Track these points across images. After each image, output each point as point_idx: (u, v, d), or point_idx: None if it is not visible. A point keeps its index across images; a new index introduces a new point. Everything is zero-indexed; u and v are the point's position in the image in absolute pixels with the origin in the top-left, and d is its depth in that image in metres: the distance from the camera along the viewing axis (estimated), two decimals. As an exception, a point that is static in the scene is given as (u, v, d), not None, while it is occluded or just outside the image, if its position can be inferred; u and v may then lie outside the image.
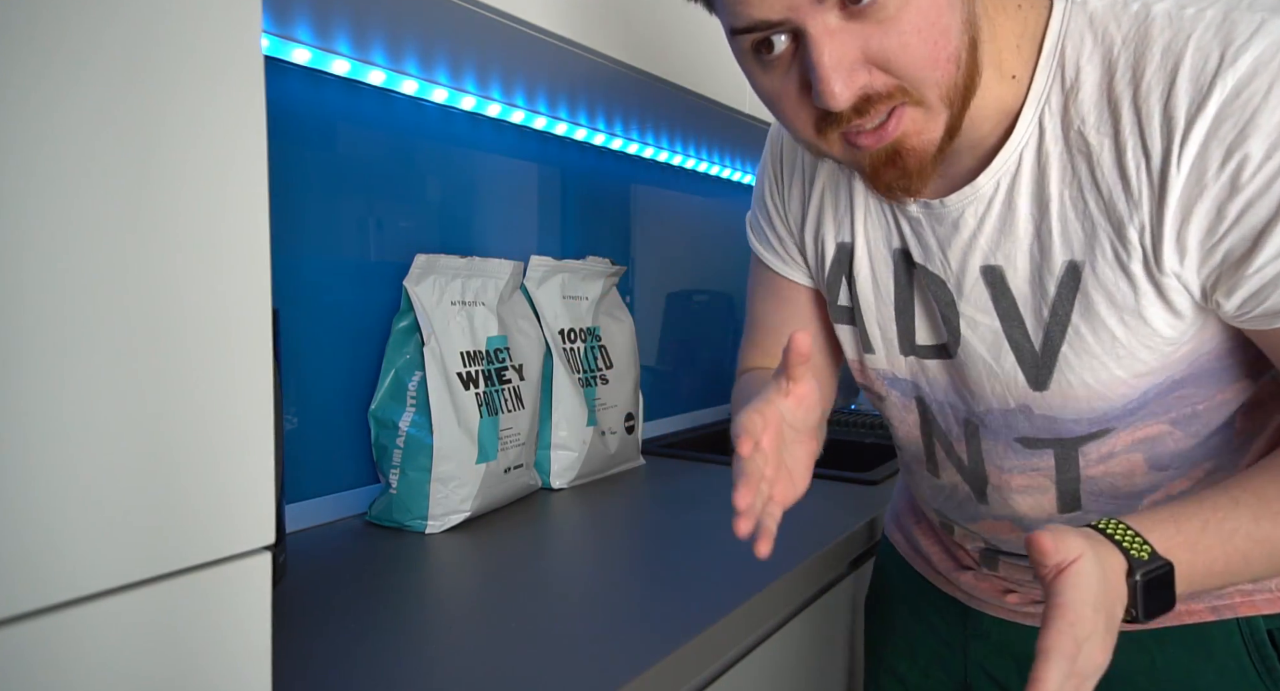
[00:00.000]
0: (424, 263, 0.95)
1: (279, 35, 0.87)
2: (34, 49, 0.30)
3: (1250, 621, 0.58)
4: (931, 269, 0.60)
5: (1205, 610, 0.59)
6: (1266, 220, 0.45)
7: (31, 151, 0.30)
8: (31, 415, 0.31)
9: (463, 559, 0.85)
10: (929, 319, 0.62)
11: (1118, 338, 0.53)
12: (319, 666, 0.60)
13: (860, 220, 0.64)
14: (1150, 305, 0.51)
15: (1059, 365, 0.55)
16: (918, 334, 0.63)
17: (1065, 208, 0.52)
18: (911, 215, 0.59)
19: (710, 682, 0.70)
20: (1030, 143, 0.52)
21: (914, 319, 0.63)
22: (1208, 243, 0.48)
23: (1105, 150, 0.50)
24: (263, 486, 0.38)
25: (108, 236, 0.33)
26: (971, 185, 0.55)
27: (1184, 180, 0.47)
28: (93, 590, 0.33)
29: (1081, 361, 0.54)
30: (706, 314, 1.74)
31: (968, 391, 0.61)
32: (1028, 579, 0.67)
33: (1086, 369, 0.54)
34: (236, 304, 0.37)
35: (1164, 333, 0.52)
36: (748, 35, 0.49)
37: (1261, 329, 0.50)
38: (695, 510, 1.01)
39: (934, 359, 0.63)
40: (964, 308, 0.58)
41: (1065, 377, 0.55)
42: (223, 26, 0.36)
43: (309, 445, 0.96)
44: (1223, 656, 0.59)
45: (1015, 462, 0.61)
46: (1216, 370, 0.55)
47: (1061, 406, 0.56)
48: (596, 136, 1.36)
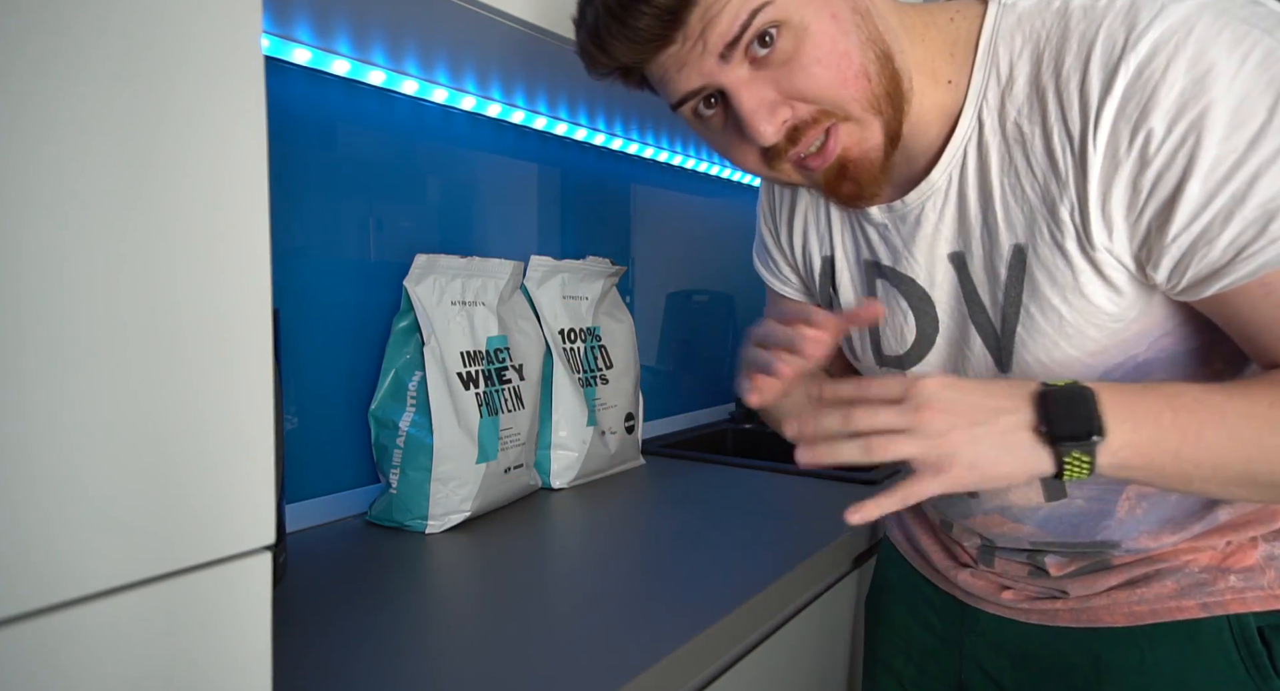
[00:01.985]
0: (424, 263, 0.95)
1: (279, 35, 0.87)
2: (33, 49, 0.30)
3: (1240, 618, 0.59)
4: (901, 269, 0.63)
5: (1196, 606, 0.60)
6: (1174, 189, 0.48)
7: (32, 152, 0.30)
8: (31, 415, 0.31)
9: (463, 559, 0.85)
10: (895, 323, 0.65)
11: (1064, 317, 0.55)
12: (319, 666, 0.60)
13: (837, 233, 0.68)
14: (1089, 282, 0.53)
15: (1016, 346, 0.58)
16: (884, 345, 0.67)
17: (1006, 194, 0.55)
18: (877, 222, 0.63)
19: (710, 682, 0.71)
20: (972, 138, 0.56)
21: (879, 331, 0.67)
22: (1130, 216, 0.50)
23: (1036, 137, 0.53)
24: (263, 486, 0.38)
25: (107, 236, 0.33)
26: (927, 181, 0.58)
27: (1101, 158, 0.50)
28: (93, 590, 0.33)
29: (1035, 342, 0.57)
30: (706, 314, 1.74)
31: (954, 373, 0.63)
32: (1023, 574, 0.68)
33: (1041, 349, 0.57)
34: (236, 304, 0.37)
35: (1107, 309, 0.54)
36: (684, 106, 0.57)
37: (1198, 299, 0.51)
38: (695, 510, 1.01)
39: (913, 364, 0.65)
40: (937, 296, 0.62)
41: (1024, 358, 0.58)
42: (223, 26, 0.36)
43: (309, 445, 0.96)
44: (1212, 653, 0.59)
45: None
46: (1183, 354, 0.57)
47: None
48: (596, 136, 1.36)
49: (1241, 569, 0.60)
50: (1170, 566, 0.61)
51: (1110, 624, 0.63)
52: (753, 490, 1.12)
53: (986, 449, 0.48)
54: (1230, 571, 0.60)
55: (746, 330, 0.65)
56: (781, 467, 1.24)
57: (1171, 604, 0.61)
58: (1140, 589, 0.62)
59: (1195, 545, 0.61)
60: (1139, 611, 0.62)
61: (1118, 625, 0.62)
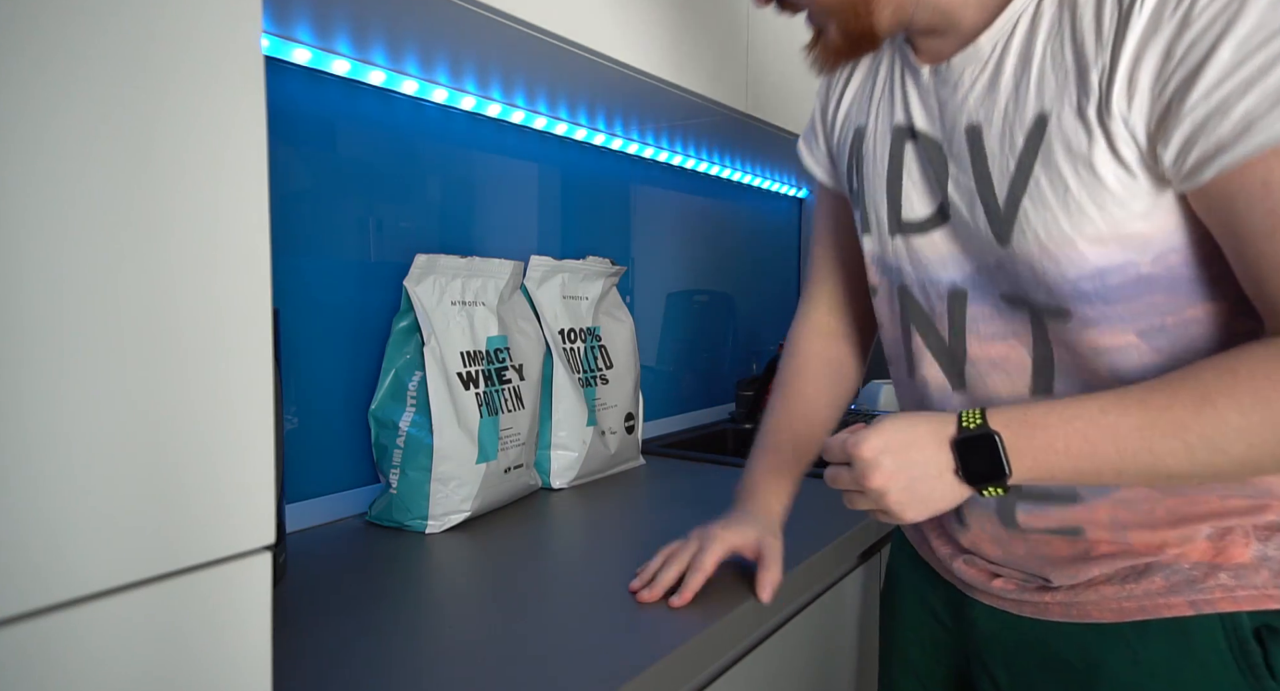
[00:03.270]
0: (424, 263, 0.95)
1: (279, 35, 0.87)
2: (34, 49, 0.30)
3: (1234, 617, 0.58)
4: (931, 133, 0.65)
5: (1185, 604, 0.60)
6: (1204, 54, 0.49)
7: (32, 152, 0.30)
8: (32, 415, 0.31)
9: (463, 559, 0.85)
10: (918, 190, 0.67)
11: (1070, 189, 0.56)
12: (319, 666, 0.60)
13: (876, 101, 0.71)
14: (1100, 154, 0.54)
15: (1018, 219, 0.59)
16: (904, 208, 0.68)
17: (1045, 61, 0.56)
18: (923, 84, 0.65)
19: (710, 682, 0.71)
20: (1030, 5, 0.58)
21: (901, 194, 0.68)
22: (1156, 86, 0.51)
23: (1089, 2, 0.54)
24: (263, 486, 0.38)
25: (108, 236, 0.33)
26: (973, 46, 0.60)
27: (1144, 19, 0.51)
28: (93, 590, 0.33)
29: (1038, 214, 0.58)
30: (706, 314, 1.74)
31: (959, 256, 0.65)
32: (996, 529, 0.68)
33: (1041, 224, 0.58)
34: (236, 304, 0.37)
35: (1113, 188, 0.55)
36: None
37: (1199, 187, 0.52)
38: (695, 510, 1.01)
39: (920, 234, 0.67)
40: (952, 169, 0.63)
41: (1023, 231, 0.59)
42: (223, 26, 0.36)
43: (309, 445, 0.96)
44: (1204, 651, 0.59)
45: (996, 327, 0.64)
46: (1185, 280, 0.57)
47: (1025, 263, 0.60)
48: (596, 136, 1.36)
49: (1233, 566, 0.59)
50: (1160, 561, 0.61)
51: (1100, 619, 0.63)
52: (753, 490, 1.12)
53: (921, 495, 0.58)
54: (1221, 568, 0.59)
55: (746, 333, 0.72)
56: (781, 467, 1.24)
57: (1160, 600, 0.60)
58: (1130, 584, 0.62)
59: (1183, 533, 0.60)
60: (1128, 607, 0.62)
61: (1107, 621, 0.63)
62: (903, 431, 0.58)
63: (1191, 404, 0.51)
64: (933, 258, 0.67)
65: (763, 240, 1.93)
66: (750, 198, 1.86)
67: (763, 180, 1.85)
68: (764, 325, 1.95)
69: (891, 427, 0.58)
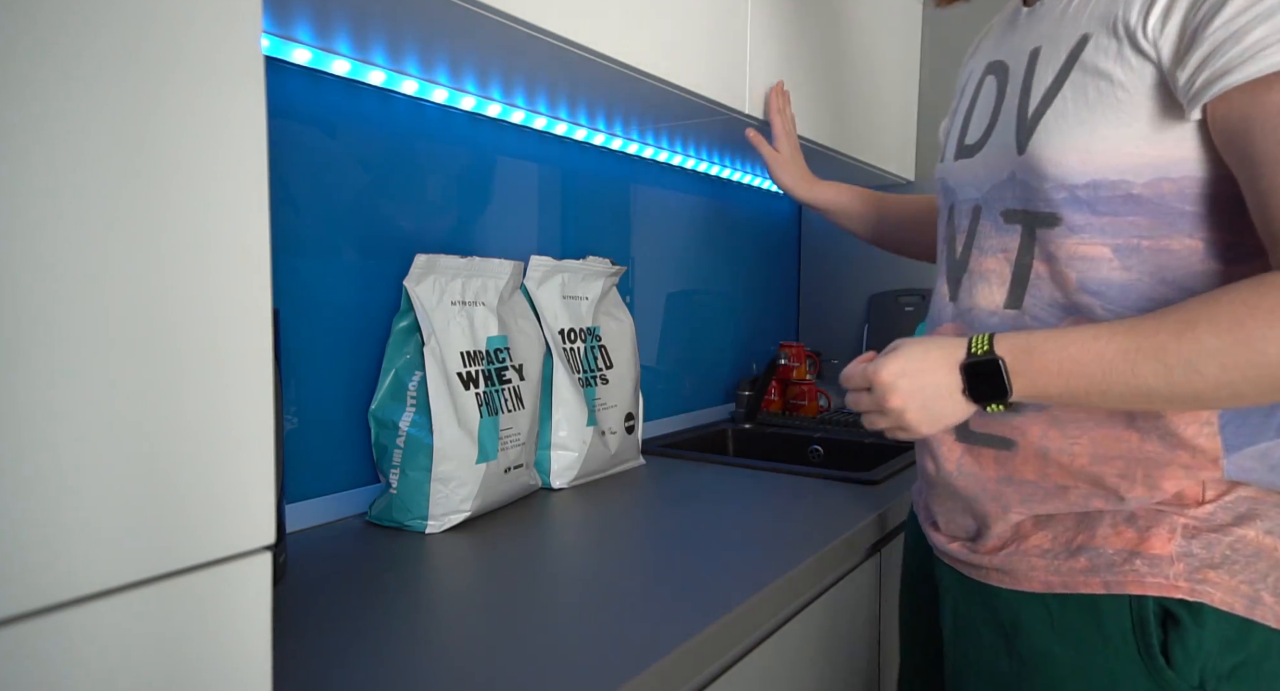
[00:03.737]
0: (424, 263, 0.95)
1: (279, 35, 0.87)
2: (33, 49, 0.30)
3: (1140, 600, 0.64)
4: (1005, 60, 0.73)
5: (1099, 583, 0.66)
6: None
7: (32, 152, 0.30)
8: (31, 415, 0.31)
9: (463, 559, 0.85)
10: (980, 116, 0.75)
11: (1089, 102, 0.63)
12: (319, 666, 0.60)
13: (985, 47, 0.80)
14: (1122, 72, 0.61)
15: (1039, 127, 0.66)
16: (968, 134, 0.77)
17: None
18: (1019, 23, 0.74)
19: (711, 682, 0.71)
20: None
21: (970, 120, 0.77)
22: (1189, 15, 0.57)
23: None
24: (263, 486, 0.38)
25: (107, 237, 0.33)
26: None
27: None
28: (92, 590, 0.33)
29: (1056, 124, 0.65)
30: (706, 314, 1.74)
31: (984, 173, 0.73)
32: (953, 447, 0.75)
33: (1056, 131, 0.65)
34: (236, 304, 0.37)
35: (1126, 104, 0.61)
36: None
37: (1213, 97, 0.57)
38: (695, 510, 1.01)
39: (969, 157, 0.76)
40: (1009, 89, 0.71)
41: (1040, 140, 0.66)
42: (223, 26, 0.36)
43: (309, 445, 0.96)
44: (1110, 627, 0.65)
45: (993, 241, 0.72)
46: (1171, 210, 0.63)
47: (1034, 170, 0.67)
48: (596, 136, 1.36)
49: (1151, 555, 0.65)
50: (1091, 545, 0.68)
51: (1029, 589, 0.70)
52: (753, 490, 1.12)
53: (934, 412, 0.66)
54: (1140, 556, 0.65)
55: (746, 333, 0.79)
56: (781, 467, 1.24)
57: (1081, 578, 0.67)
58: (1059, 561, 0.69)
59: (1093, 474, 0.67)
60: (1053, 581, 0.69)
61: (1034, 590, 0.70)
62: (917, 357, 0.66)
63: (1174, 329, 0.57)
64: (969, 178, 0.75)
65: (763, 240, 1.93)
66: (750, 198, 1.86)
67: (763, 180, 1.85)
68: (764, 325, 1.95)
69: (906, 354, 0.67)
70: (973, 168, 0.75)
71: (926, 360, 0.66)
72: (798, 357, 1.78)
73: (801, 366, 1.78)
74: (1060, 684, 0.68)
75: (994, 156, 0.72)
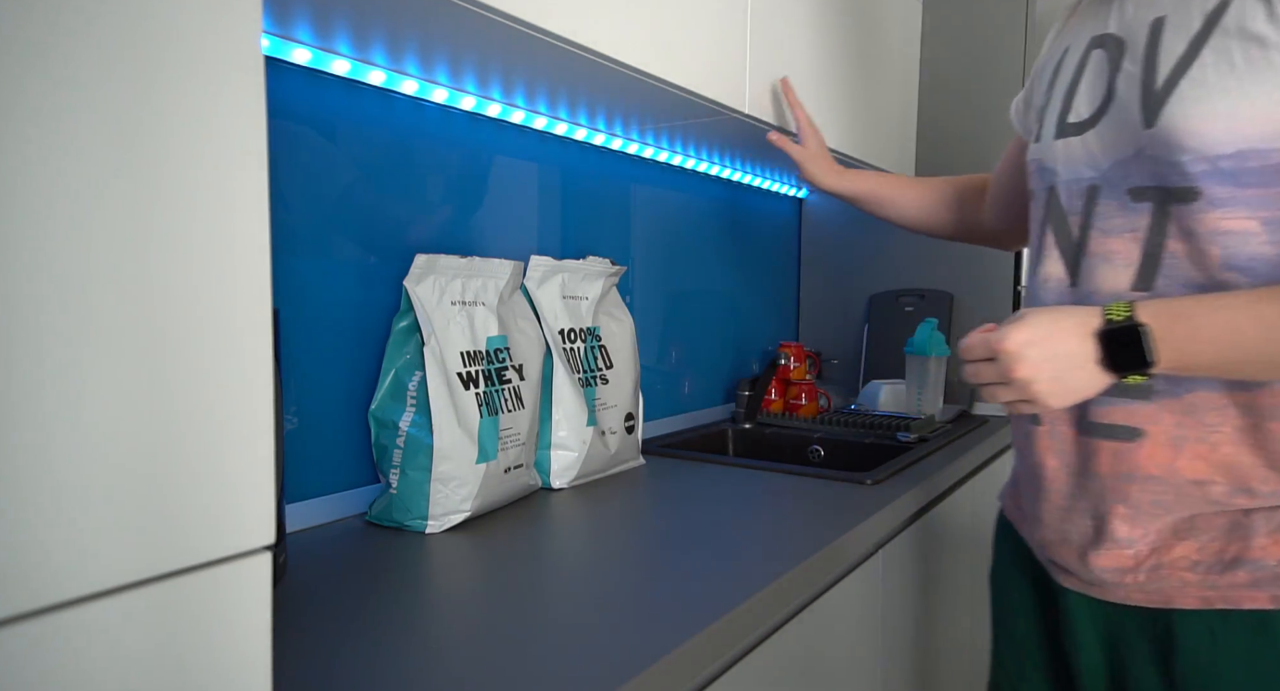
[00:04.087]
0: (424, 263, 0.95)
1: (279, 35, 0.87)
2: (32, 49, 0.30)
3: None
4: (1118, 33, 0.70)
5: (1266, 598, 0.63)
6: None
7: (31, 152, 0.30)
8: (31, 415, 0.31)
9: (463, 559, 0.85)
10: (1088, 92, 0.72)
11: (1235, 67, 0.60)
12: (319, 666, 0.60)
13: (1085, 22, 0.76)
14: (1273, 34, 0.58)
15: (1172, 98, 0.63)
16: (1072, 112, 0.74)
17: None
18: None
19: (710, 682, 0.71)
20: None
21: (1074, 97, 0.74)
22: None
23: None
24: (263, 486, 0.38)
25: (107, 236, 0.33)
26: None
27: None
28: (92, 590, 0.33)
29: (1193, 92, 0.62)
30: (706, 314, 1.74)
31: (1102, 151, 0.70)
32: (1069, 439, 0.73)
33: (1193, 100, 0.62)
34: (236, 304, 0.37)
35: (1276, 63, 0.58)
36: None
37: None
38: (695, 510, 1.01)
39: (1076, 135, 0.73)
40: (1125, 62, 0.68)
41: (1173, 111, 0.63)
42: (223, 26, 0.36)
43: (309, 445, 0.96)
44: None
45: (1118, 221, 0.69)
46: None
47: (1167, 143, 0.64)
48: (596, 136, 1.36)
49: None
50: (1248, 557, 0.64)
51: (1183, 606, 0.67)
52: (753, 490, 1.12)
53: (1067, 384, 0.62)
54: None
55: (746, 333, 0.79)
56: (781, 467, 1.24)
57: (1243, 593, 0.64)
58: (1214, 575, 0.65)
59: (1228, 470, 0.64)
60: (1210, 596, 0.65)
61: (1190, 608, 0.66)
62: (1046, 325, 0.62)
63: None
64: (1081, 156, 0.72)
65: (763, 240, 1.93)
66: (750, 197, 1.86)
67: (763, 180, 1.85)
68: (764, 325, 1.95)
69: (1034, 322, 0.63)
70: (1084, 146, 0.72)
71: (1057, 327, 0.62)
72: (798, 357, 1.78)
73: (801, 366, 1.78)
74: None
75: (1113, 133, 0.69)
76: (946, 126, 1.84)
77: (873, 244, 1.95)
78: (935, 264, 1.86)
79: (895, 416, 1.62)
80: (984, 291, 1.81)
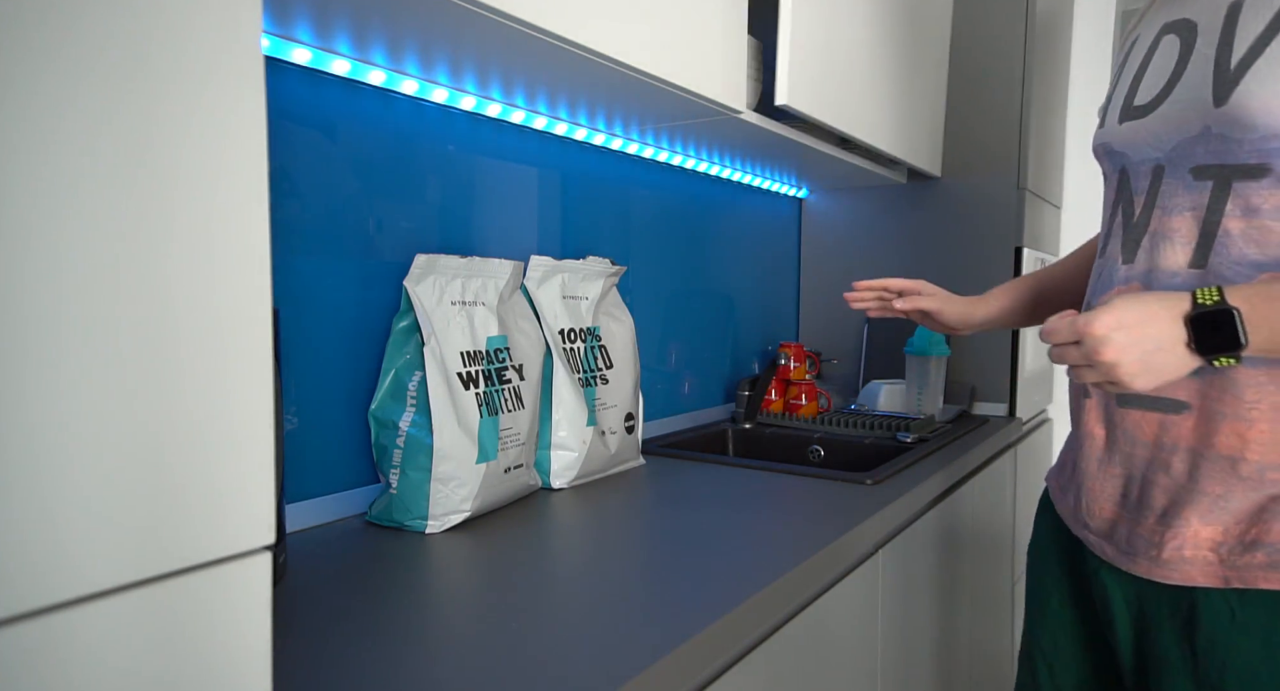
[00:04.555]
0: (424, 263, 0.95)
1: (279, 35, 0.87)
2: (32, 49, 0.30)
3: None
4: (1192, 17, 0.72)
5: (1279, 579, 0.67)
6: None
7: (31, 152, 0.30)
8: (31, 415, 0.31)
9: (463, 559, 0.85)
10: (1155, 76, 0.75)
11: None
12: (319, 666, 0.60)
13: (1156, 10, 0.79)
14: None
15: (1246, 77, 0.65)
16: (1139, 95, 0.76)
17: None
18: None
19: (710, 682, 0.71)
20: None
21: (1142, 80, 0.76)
22: None
23: None
24: (263, 486, 0.38)
25: (107, 236, 0.33)
26: None
27: None
28: (92, 590, 0.33)
29: (1269, 69, 0.64)
30: (706, 314, 1.74)
31: (1166, 131, 0.72)
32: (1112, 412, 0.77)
33: (1270, 77, 0.64)
34: (236, 303, 0.37)
35: None
36: None
37: None
38: (695, 510, 1.01)
39: (1141, 118, 0.75)
40: (1199, 43, 0.70)
41: (1248, 89, 0.65)
42: (223, 26, 0.36)
43: (309, 445, 0.96)
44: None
45: (1180, 200, 0.72)
46: None
47: (1236, 121, 0.66)
48: (596, 136, 1.36)
49: None
50: (1266, 541, 0.67)
51: (1205, 584, 0.70)
52: (753, 490, 1.12)
53: (1154, 366, 0.63)
54: None
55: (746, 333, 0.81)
56: (781, 467, 1.24)
57: (1260, 573, 0.67)
58: (1235, 555, 0.69)
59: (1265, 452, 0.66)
60: (1229, 575, 0.69)
61: (1211, 586, 0.70)
62: (1135, 309, 0.64)
63: None
64: (1145, 137, 0.75)
65: (763, 240, 1.93)
66: (750, 198, 1.86)
67: (763, 180, 1.85)
68: (764, 325, 1.95)
69: (1123, 307, 0.65)
70: (1149, 127, 0.74)
71: (1145, 312, 0.64)
72: (798, 358, 1.78)
73: (801, 366, 1.78)
74: (1252, 675, 0.68)
75: (1179, 112, 0.71)
76: (946, 126, 1.84)
77: (873, 244, 1.95)
78: (935, 264, 1.86)
79: (895, 416, 1.62)
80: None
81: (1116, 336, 0.63)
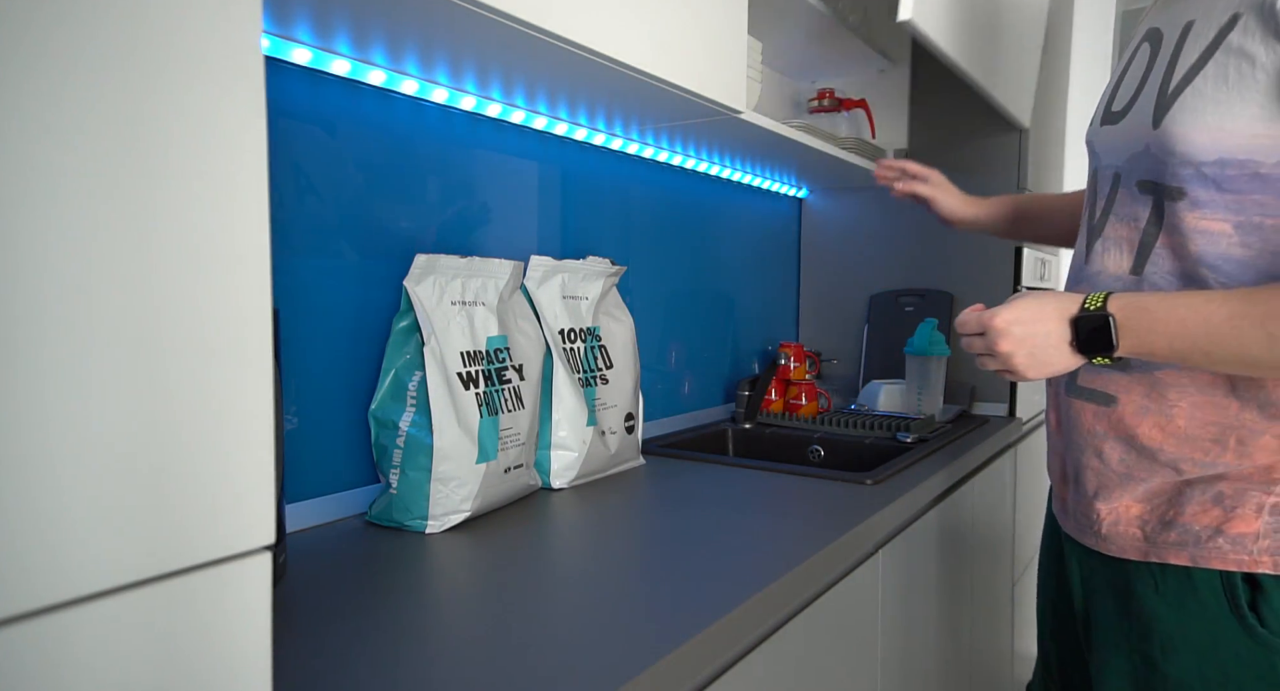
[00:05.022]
0: (424, 263, 0.95)
1: (279, 35, 0.87)
2: (33, 49, 0.30)
3: (1228, 574, 0.71)
4: (1163, 28, 0.75)
5: (1186, 556, 0.74)
6: None
7: (31, 152, 0.30)
8: (31, 415, 0.31)
9: (463, 559, 0.85)
10: (1128, 84, 0.77)
11: (1228, 82, 0.65)
12: (319, 666, 0.60)
13: (1153, 9, 0.80)
14: (1265, 54, 0.63)
15: (1175, 106, 0.69)
16: (1115, 100, 0.79)
17: None
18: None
19: (710, 682, 0.71)
20: None
21: (1119, 86, 0.79)
22: None
23: None
24: (263, 486, 0.38)
25: (108, 236, 0.33)
26: None
27: None
28: (92, 590, 0.33)
29: (1193, 102, 0.67)
30: (706, 314, 1.74)
31: (1124, 143, 0.76)
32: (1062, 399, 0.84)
33: (1191, 109, 0.67)
34: (237, 304, 0.37)
35: (1264, 87, 0.63)
36: None
37: None
38: (695, 510, 1.01)
39: (1112, 124, 0.79)
40: (1159, 60, 0.73)
41: (1174, 117, 0.69)
42: (223, 26, 0.36)
43: (309, 445, 0.96)
44: (1205, 594, 0.73)
45: (1128, 210, 0.76)
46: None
47: (1163, 146, 0.70)
48: (596, 136, 1.36)
49: (1235, 535, 0.71)
50: (1179, 521, 0.74)
51: (1131, 557, 0.78)
52: (753, 490, 1.12)
53: (1041, 359, 0.71)
54: (1223, 535, 0.72)
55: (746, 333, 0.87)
56: (781, 467, 1.24)
57: (1171, 550, 0.74)
58: (1155, 532, 0.76)
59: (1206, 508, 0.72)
60: (1148, 551, 0.76)
61: (1133, 558, 0.78)
62: (1032, 307, 0.71)
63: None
64: (1112, 144, 0.79)
65: (763, 240, 1.93)
66: (750, 198, 1.86)
67: (763, 180, 1.85)
68: (764, 325, 1.95)
69: (1022, 304, 0.72)
70: (1116, 135, 0.78)
71: (1041, 311, 0.71)
72: (798, 357, 1.78)
73: (801, 366, 1.78)
74: (1169, 642, 0.74)
75: (1133, 127, 0.75)
76: (946, 126, 1.84)
77: (873, 244, 1.95)
78: (935, 264, 1.86)
79: (895, 416, 1.62)
80: (984, 291, 1.80)
81: (1014, 330, 0.71)
